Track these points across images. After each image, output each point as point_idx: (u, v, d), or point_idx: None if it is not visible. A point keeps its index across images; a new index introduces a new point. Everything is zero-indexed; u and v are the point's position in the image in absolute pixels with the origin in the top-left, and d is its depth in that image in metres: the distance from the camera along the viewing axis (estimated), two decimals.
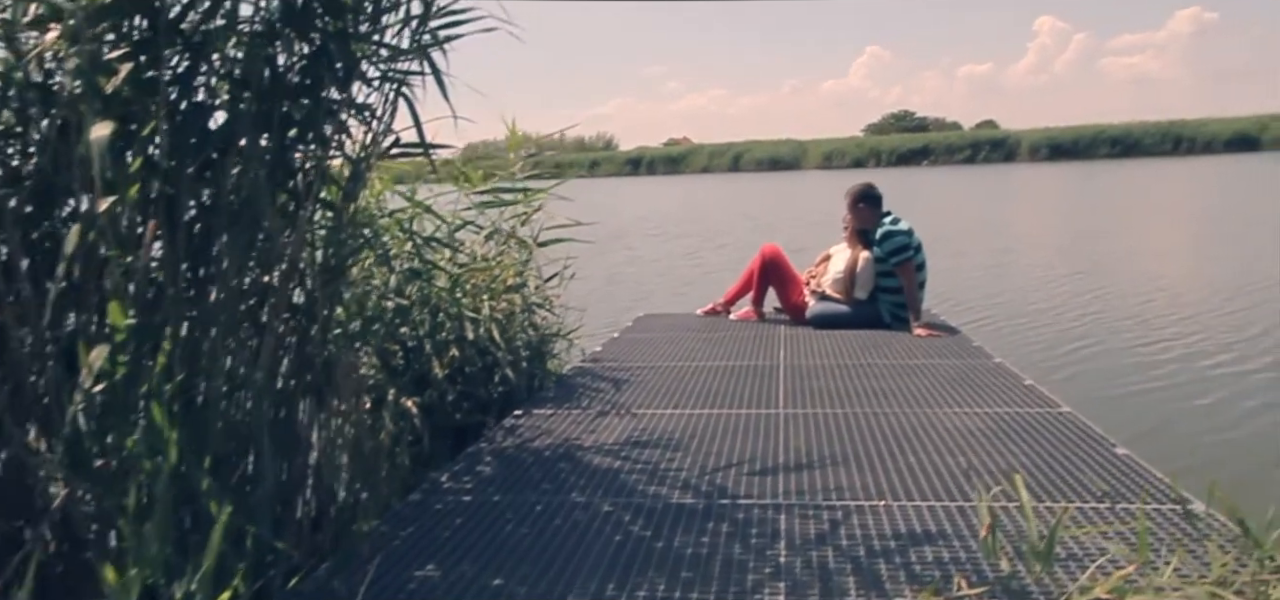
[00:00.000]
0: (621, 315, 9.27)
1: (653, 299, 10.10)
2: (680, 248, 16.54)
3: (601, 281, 12.04)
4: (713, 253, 15.44)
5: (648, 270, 13.22)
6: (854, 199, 5.15)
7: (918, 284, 4.97)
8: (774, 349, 4.57)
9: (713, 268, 13.03)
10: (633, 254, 15.74)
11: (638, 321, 5.91)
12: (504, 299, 3.60)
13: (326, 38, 2.30)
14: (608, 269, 13.44)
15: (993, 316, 8.13)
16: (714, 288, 10.63)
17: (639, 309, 9.63)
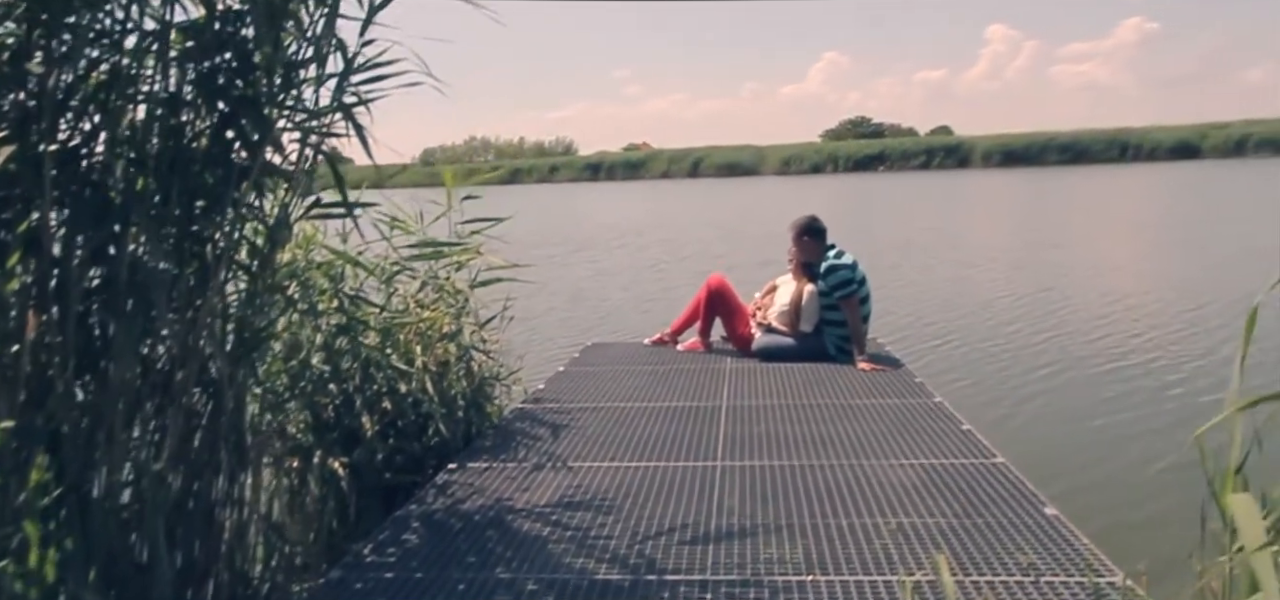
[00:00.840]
0: (584, 333, 9.25)
1: (616, 317, 10.06)
2: (644, 259, 16.52)
3: (565, 298, 11.96)
4: (676, 265, 15.43)
5: (611, 284, 13.14)
6: (798, 232, 5.15)
7: (862, 318, 4.98)
8: (718, 386, 4.54)
9: (675, 282, 13.01)
10: (597, 266, 15.66)
11: (585, 352, 5.86)
12: (439, 346, 3.52)
13: (236, 104, 2.21)
14: (572, 284, 13.37)
15: (946, 338, 8.23)
16: (676, 304, 10.67)
17: (601, 328, 9.63)
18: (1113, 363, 6.96)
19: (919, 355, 7.58)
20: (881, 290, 11.12)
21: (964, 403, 5.98)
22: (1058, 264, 13.28)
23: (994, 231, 20.09)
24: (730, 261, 15.14)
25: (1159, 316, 8.78)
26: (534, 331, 9.39)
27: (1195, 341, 7.50)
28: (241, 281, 2.36)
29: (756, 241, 18.45)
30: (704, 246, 18.20)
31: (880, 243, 17.28)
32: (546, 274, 14.88)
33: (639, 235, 21.95)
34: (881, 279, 12.22)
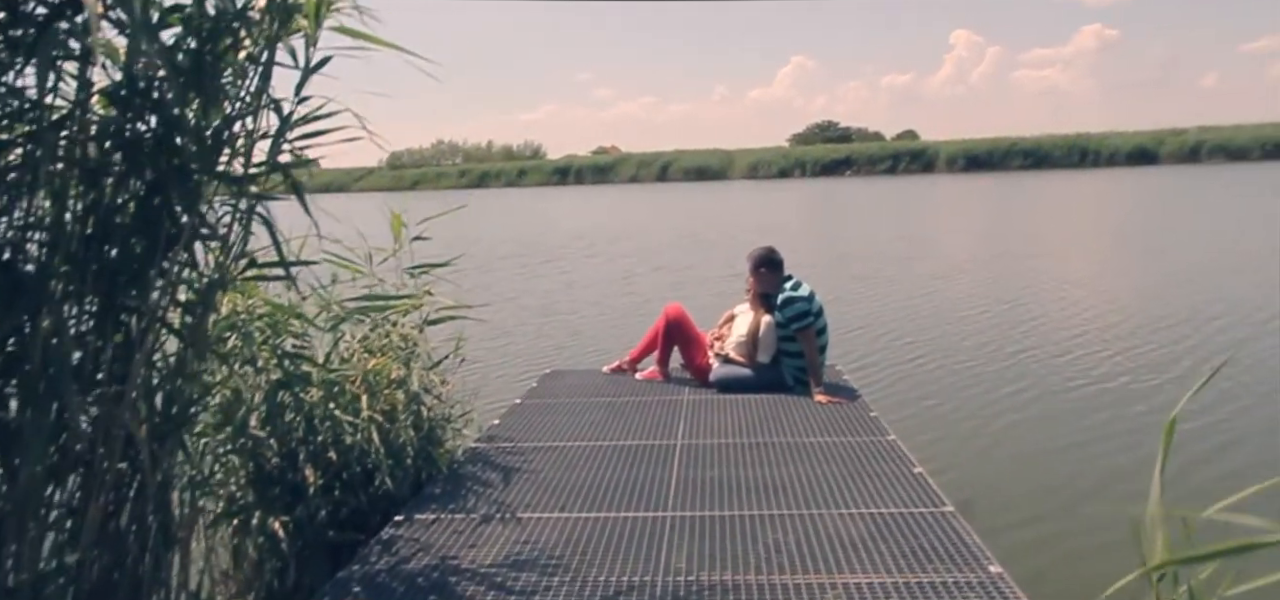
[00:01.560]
0: (554, 350, 9.17)
1: (587, 333, 9.97)
2: (617, 270, 16.47)
3: (535, 311, 11.87)
4: (649, 275, 15.38)
5: (582, 299, 13.05)
6: (755, 263, 5.15)
7: (819, 349, 4.99)
8: (673, 422, 4.52)
9: (648, 296, 12.97)
10: (567, 278, 15.58)
11: (543, 380, 5.82)
12: (386, 392, 3.46)
13: (162, 173, 2.15)
14: (542, 296, 13.28)
15: (911, 356, 8.28)
16: (648, 320, 10.61)
17: (572, 345, 9.54)
18: (1077, 386, 7.02)
19: (881, 375, 7.64)
20: (850, 305, 11.25)
21: (924, 428, 6.07)
22: (1024, 275, 13.43)
23: (961, 239, 20.27)
24: (702, 273, 15.18)
25: (1124, 336, 8.88)
26: (500, 351, 9.33)
27: (1161, 369, 7.54)
28: (171, 352, 2.29)
29: (727, 250, 18.49)
30: (675, 257, 18.19)
31: (848, 252, 17.41)
32: (517, 285, 14.79)
33: (612, 242, 21.94)
34: (851, 291, 12.36)
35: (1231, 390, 6.46)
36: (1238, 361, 7.27)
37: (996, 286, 12.31)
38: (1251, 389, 6.61)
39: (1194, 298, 10.68)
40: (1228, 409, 6.03)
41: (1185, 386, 6.82)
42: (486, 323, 10.79)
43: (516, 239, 24.76)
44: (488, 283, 15.30)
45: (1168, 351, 8.04)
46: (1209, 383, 1.61)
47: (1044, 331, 9.22)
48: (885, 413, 6.31)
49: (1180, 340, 8.48)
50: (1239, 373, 6.94)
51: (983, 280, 12.97)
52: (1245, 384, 6.73)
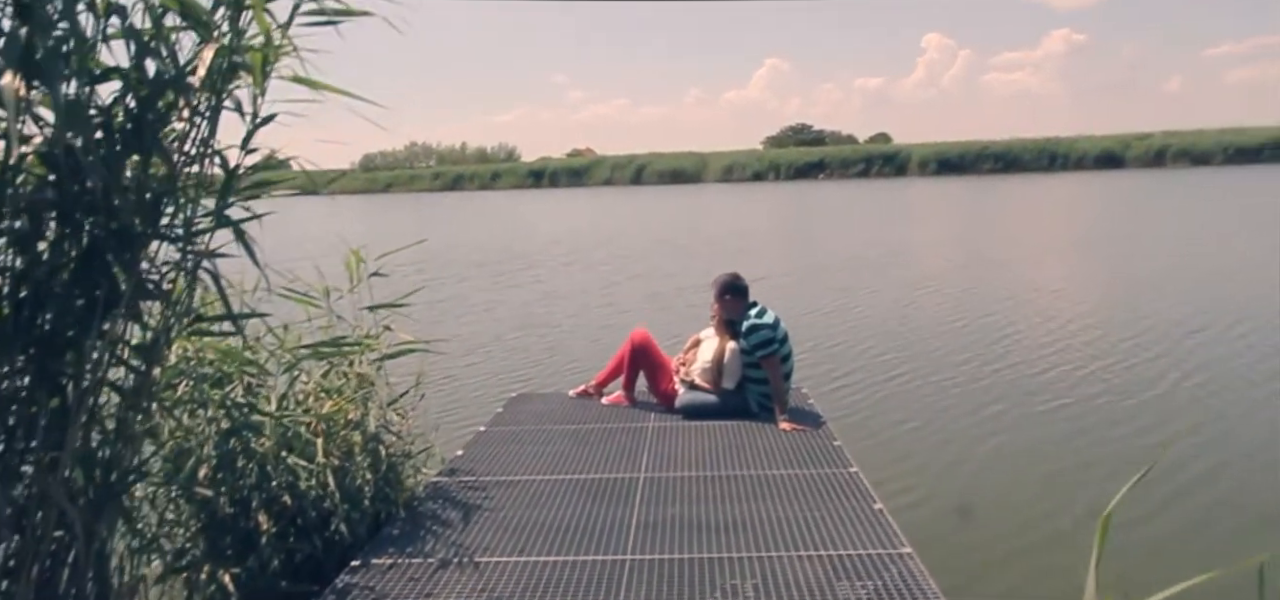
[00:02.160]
0: (530, 367, 9.11)
1: (561, 352, 9.91)
2: (595, 278, 16.40)
3: (512, 325, 11.78)
4: (627, 284, 15.35)
5: (560, 311, 12.97)
6: (720, 290, 5.15)
7: (783, 375, 5.00)
8: (638, 452, 4.51)
9: (625, 307, 12.97)
10: (545, 287, 15.49)
11: (510, 405, 5.78)
12: (342, 435, 3.41)
13: (100, 235, 2.10)
14: (519, 308, 13.19)
15: (887, 370, 8.32)
16: (624, 334, 10.54)
17: (548, 362, 9.47)
18: (1055, 405, 7.07)
19: (854, 395, 7.66)
20: (827, 317, 11.28)
21: (895, 455, 6.08)
22: (1000, 285, 13.52)
23: (935, 246, 20.35)
24: (681, 282, 15.17)
25: (1101, 353, 8.94)
26: (475, 368, 9.27)
27: (1138, 388, 7.57)
28: (112, 414, 2.24)
29: (705, 258, 18.47)
30: (654, 264, 18.14)
31: (822, 262, 17.44)
32: (493, 296, 14.67)
33: (589, 249, 21.85)
34: (828, 303, 12.39)
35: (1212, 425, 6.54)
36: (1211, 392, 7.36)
37: (972, 298, 12.38)
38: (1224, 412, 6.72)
39: (1167, 309, 10.85)
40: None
41: (1163, 405, 6.95)
42: (461, 338, 10.79)
43: (492, 245, 24.63)
44: (463, 293, 15.20)
45: (1144, 369, 8.14)
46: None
47: (1022, 346, 9.30)
48: (856, 434, 6.40)
49: (1157, 356, 8.59)
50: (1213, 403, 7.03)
51: (958, 291, 13.04)
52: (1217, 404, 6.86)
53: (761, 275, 15.61)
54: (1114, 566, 2.28)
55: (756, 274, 15.75)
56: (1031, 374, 8.04)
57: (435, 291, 15.28)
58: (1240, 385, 7.37)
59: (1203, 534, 4.64)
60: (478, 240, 26.38)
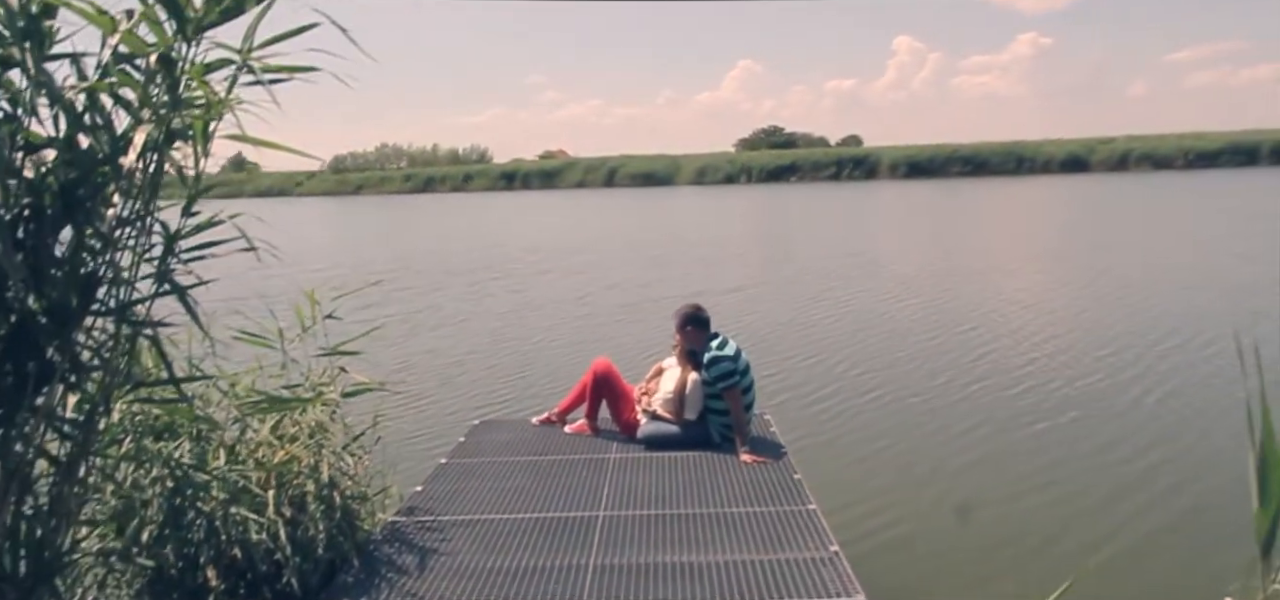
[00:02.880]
0: (502, 386, 9.05)
1: (536, 367, 9.88)
2: (570, 289, 16.35)
3: (487, 337, 11.73)
4: (603, 294, 15.32)
5: (536, 323, 12.90)
6: (682, 321, 5.16)
7: (745, 407, 5.02)
8: (598, 487, 4.50)
9: (601, 319, 12.97)
10: (521, 298, 15.39)
11: (472, 433, 5.74)
12: (295, 483, 3.36)
13: (29, 314, 2.05)
14: (496, 319, 13.12)
15: (869, 393, 8.33)
16: (598, 349, 10.51)
17: (518, 380, 9.40)
18: (1028, 423, 7.15)
19: (826, 410, 7.72)
20: (801, 329, 11.34)
21: (864, 476, 6.13)
22: (972, 294, 13.67)
23: (908, 253, 20.48)
24: (657, 293, 15.19)
25: (1070, 363, 9.11)
26: (448, 386, 9.22)
27: (1109, 397, 7.74)
28: (45, 492, 2.19)
29: (682, 267, 18.46)
30: (630, 273, 18.11)
31: (795, 274, 17.46)
32: (467, 306, 14.61)
33: (565, 257, 21.79)
34: (802, 316, 12.45)
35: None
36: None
37: (947, 312, 12.48)
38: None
39: (1136, 319, 11.11)
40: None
41: (1134, 420, 7.03)
42: (436, 352, 10.71)
43: (467, 253, 24.48)
44: (438, 303, 15.10)
45: (1114, 378, 8.32)
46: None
47: (995, 358, 9.43)
48: (821, 457, 6.43)
49: (1126, 364, 8.81)
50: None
51: (932, 305, 13.13)
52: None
53: (736, 286, 15.66)
54: None
55: (731, 284, 15.80)
56: (1008, 395, 8.11)
57: (410, 302, 15.20)
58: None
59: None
60: (451, 247, 26.23)
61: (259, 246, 2.47)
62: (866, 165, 71.45)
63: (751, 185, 69.62)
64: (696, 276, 17.38)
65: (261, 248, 2.41)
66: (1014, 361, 9.30)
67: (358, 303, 15.36)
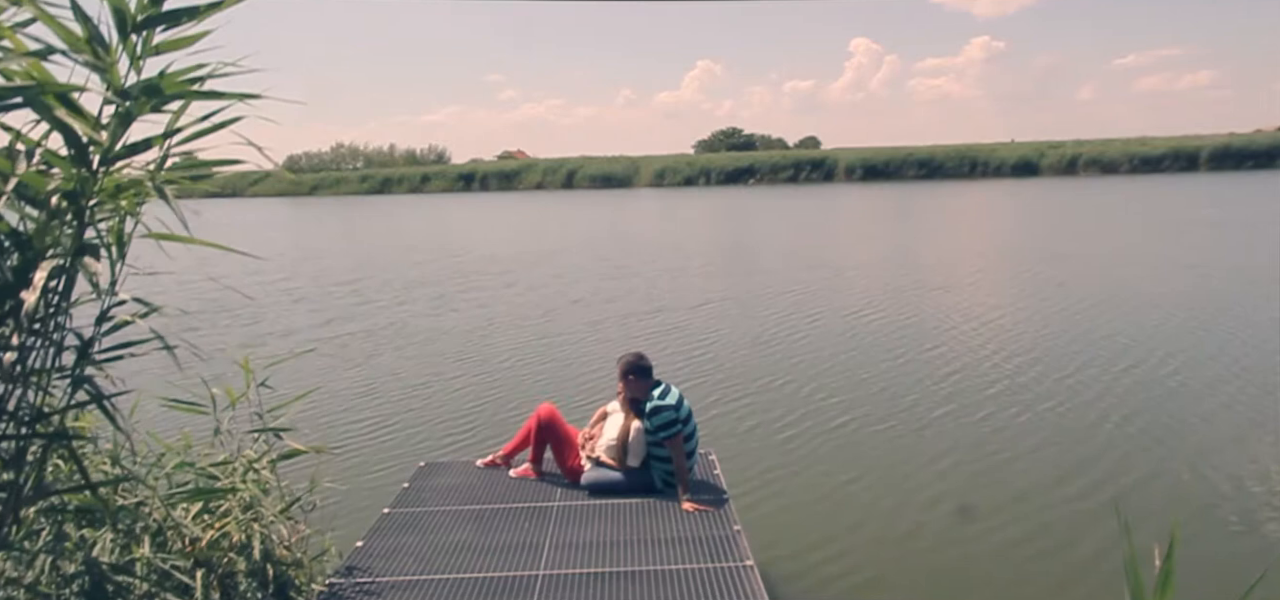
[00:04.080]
0: (465, 410, 9.00)
1: (499, 390, 9.90)
2: (535, 303, 16.27)
3: (451, 359, 11.64)
4: (568, 311, 15.25)
5: (501, 342, 12.79)
6: (624, 370, 5.19)
7: (687, 454, 5.07)
8: (539, 542, 4.51)
9: (566, 336, 12.93)
10: (486, 314, 15.25)
11: (416, 479, 5.70)
12: (226, 561, 3.33)
13: None
14: (459, 340, 13.01)
15: (842, 422, 8.35)
16: (563, 370, 10.44)
17: (478, 408, 9.34)
18: (995, 454, 7.24)
19: (783, 445, 7.81)
20: (764, 351, 11.37)
21: (823, 518, 6.20)
22: (936, 311, 13.73)
23: (872, 265, 20.51)
24: (623, 307, 15.24)
25: (1032, 383, 9.23)
26: (410, 412, 9.18)
27: (1075, 425, 7.83)
28: None
29: (647, 280, 18.40)
30: (593, 287, 18.06)
31: (764, 283, 17.54)
32: (429, 322, 14.53)
33: (531, 268, 21.66)
34: (767, 332, 12.52)
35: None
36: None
37: (909, 328, 12.57)
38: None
39: (1092, 339, 11.35)
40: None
41: (1107, 450, 7.18)
42: (398, 375, 10.60)
43: (429, 260, 24.22)
44: (402, 319, 14.94)
45: (1073, 399, 8.51)
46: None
47: (960, 378, 9.56)
48: (772, 490, 6.49)
49: (1086, 384, 9.01)
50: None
51: (895, 320, 13.23)
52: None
53: (702, 300, 15.64)
54: None
55: (697, 299, 15.77)
56: (974, 420, 8.20)
57: (373, 318, 15.03)
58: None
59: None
60: (412, 257, 25.92)
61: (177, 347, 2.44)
62: (824, 167, 72.30)
63: (711, 187, 69.95)
64: (662, 289, 17.37)
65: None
66: (977, 384, 9.44)
67: (317, 319, 15.12)
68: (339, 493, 6.79)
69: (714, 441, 7.63)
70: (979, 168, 68.10)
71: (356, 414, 9.12)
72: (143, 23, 1.93)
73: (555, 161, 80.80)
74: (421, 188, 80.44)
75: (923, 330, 12.43)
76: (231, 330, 13.58)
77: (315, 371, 10.80)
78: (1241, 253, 19.67)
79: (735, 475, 6.94)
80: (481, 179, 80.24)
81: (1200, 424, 7.86)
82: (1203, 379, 9.31)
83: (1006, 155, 69.13)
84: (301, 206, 65.35)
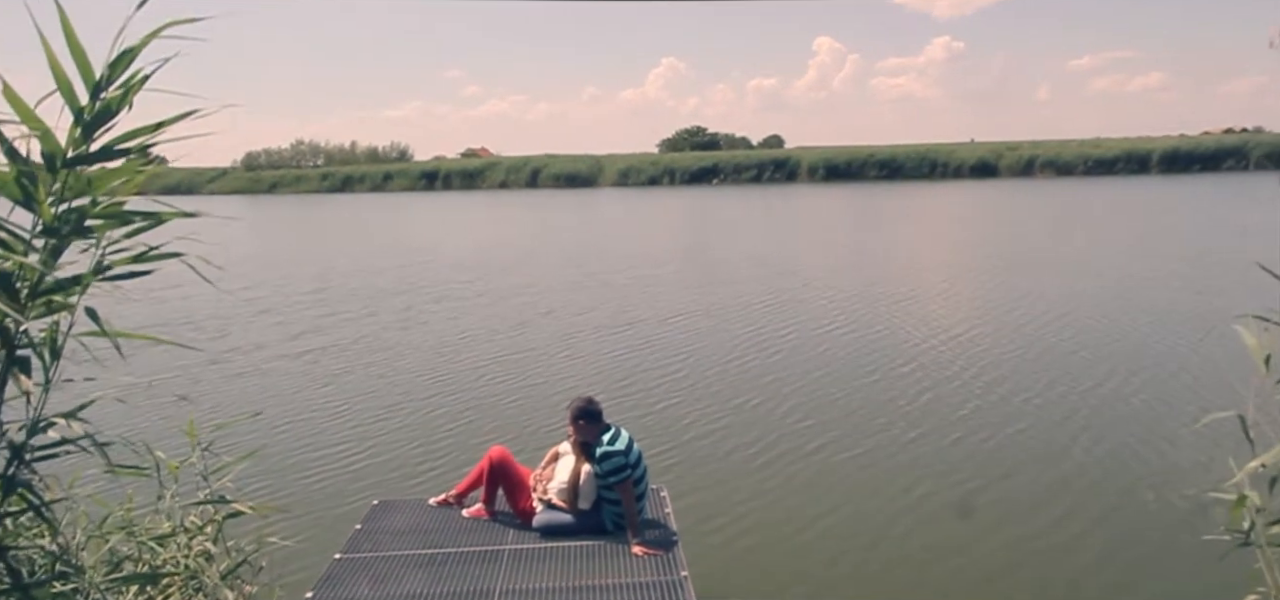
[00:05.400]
0: (438, 433, 9.04)
1: (471, 412, 9.90)
2: (505, 315, 16.19)
3: (423, 376, 11.55)
4: (540, 323, 15.20)
5: (473, 361, 12.68)
6: (574, 415, 5.24)
7: (637, 497, 5.14)
8: (491, 586, 4.55)
9: (539, 352, 12.88)
10: (459, 327, 15.12)
11: (369, 520, 5.68)
12: None
13: None
14: (429, 356, 12.92)
15: (820, 451, 8.33)
16: (534, 391, 10.30)
17: (444, 435, 9.31)
18: (962, 482, 7.31)
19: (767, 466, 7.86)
20: (739, 370, 11.28)
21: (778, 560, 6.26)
22: (905, 330, 13.61)
23: (842, 274, 20.29)
24: (595, 319, 15.22)
25: (997, 402, 9.32)
26: (381, 431, 9.17)
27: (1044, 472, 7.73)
28: None
29: (619, 292, 18.36)
30: (565, 299, 17.98)
31: (737, 295, 17.48)
32: (399, 337, 14.41)
33: (500, 275, 21.57)
34: (741, 348, 12.50)
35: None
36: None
37: (880, 345, 12.52)
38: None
39: (1055, 355, 11.51)
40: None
41: (1078, 476, 7.26)
42: (371, 399, 10.52)
43: (396, 267, 23.93)
44: (374, 332, 14.80)
45: (1049, 428, 8.60)
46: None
47: (933, 397, 9.64)
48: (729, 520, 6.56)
49: (1054, 403, 9.14)
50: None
51: (865, 336, 13.21)
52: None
53: (673, 313, 15.62)
54: None
55: (668, 312, 15.71)
56: (945, 444, 8.23)
57: (340, 330, 14.90)
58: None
59: None
60: (382, 260, 25.62)
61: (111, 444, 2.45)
62: (787, 167, 72.91)
63: (675, 187, 70.09)
64: (634, 300, 17.31)
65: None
66: (950, 403, 9.51)
67: (284, 334, 14.86)
68: (293, 530, 6.79)
69: (691, 467, 7.72)
70: (939, 169, 69.13)
71: (321, 439, 9.00)
72: (73, 160, 1.94)
73: (519, 160, 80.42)
74: (384, 186, 79.57)
75: (893, 345, 12.51)
76: (194, 348, 13.34)
77: (280, 393, 10.76)
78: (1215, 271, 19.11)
79: (707, 506, 7.07)
80: (444, 177, 79.61)
81: (1168, 447, 8.00)
82: (1167, 395, 9.48)
83: (966, 156, 70.26)
84: (260, 205, 64.27)
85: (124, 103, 1.95)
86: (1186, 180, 55.17)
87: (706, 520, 6.81)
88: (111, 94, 1.93)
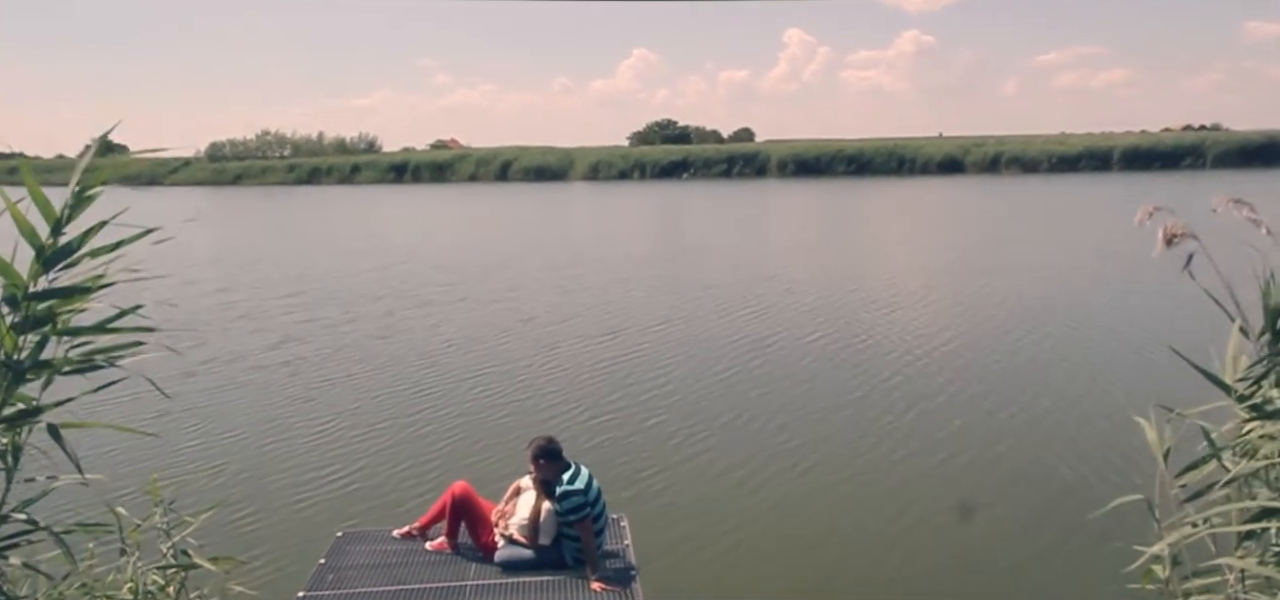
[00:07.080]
0: (418, 455, 9.06)
1: (455, 431, 9.87)
2: (486, 322, 16.11)
3: (410, 390, 11.46)
4: (522, 331, 15.15)
5: (457, 364, 12.64)
6: (534, 454, 5.35)
7: (596, 533, 5.27)
8: None
9: (525, 362, 12.86)
10: (443, 336, 14.95)
11: (333, 553, 5.75)
12: None
13: None
14: (417, 364, 12.81)
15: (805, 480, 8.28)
16: (516, 406, 10.08)
17: (423, 457, 9.27)
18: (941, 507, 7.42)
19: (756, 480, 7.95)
20: (723, 384, 11.30)
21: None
22: (887, 340, 13.57)
23: (819, 282, 19.83)
24: (579, 328, 15.18)
25: (986, 439, 9.10)
26: (361, 452, 9.17)
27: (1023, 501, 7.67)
28: None
29: (600, 298, 18.32)
30: (548, 302, 17.96)
31: (721, 298, 17.48)
32: (378, 348, 14.15)
33: (479, 279, 21.41)
34: (724, 365, 12.33)
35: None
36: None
37: (865, 359, 12.48)
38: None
39: (1045, 364, 11.67)
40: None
41: (1067, 495, 7.31)
42: (355, 415, 10.45)
43: (373, 269, 23.69)
44: (354, 340, 14.75)
45: (1035, 446, 8.66)
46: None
47: (919, 414, 9.67)
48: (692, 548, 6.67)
49: (1034, 421, 9.24)
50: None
51: (848, 347, 13.22)
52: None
53: (655, 321, 15.63)
54: None
55: (651, 321, 15.62)
56: (934, 460, 8.29)
57: (320, 338, 14.87)
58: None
59: None
60: (358, 262, 25.23)
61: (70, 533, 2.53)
62: (757, 162, 73.26)
63: (645, 181, 70.04)
64: (616, 306, 17.24)
65: None
66: (937, 418, 9.58)
67: (265, 342, 14.67)
68: (261, 560, 6.85)
69: (677, 488, 7.78)
70: (906, 164, 69.87)
71: (295, 462, 8.97)
72: (35, 295, 2.02)
73: (489, 152, 79.97)
74: (352, 178, 78.69)
75: (878, 357, 12.48)
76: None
77: (256, 410, 10.73)
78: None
79: (686, 530, 7.17)
80: (414, 170, 78.90)
81: (1147, 462, 8.18)
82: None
83: (933, 152, 71.08)
84: (226, 197, 63.17)
85: (84, 241, 2.03)
86: (1146, 178, 56.26)
87: (664, 541, 6.95)
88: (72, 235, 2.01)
